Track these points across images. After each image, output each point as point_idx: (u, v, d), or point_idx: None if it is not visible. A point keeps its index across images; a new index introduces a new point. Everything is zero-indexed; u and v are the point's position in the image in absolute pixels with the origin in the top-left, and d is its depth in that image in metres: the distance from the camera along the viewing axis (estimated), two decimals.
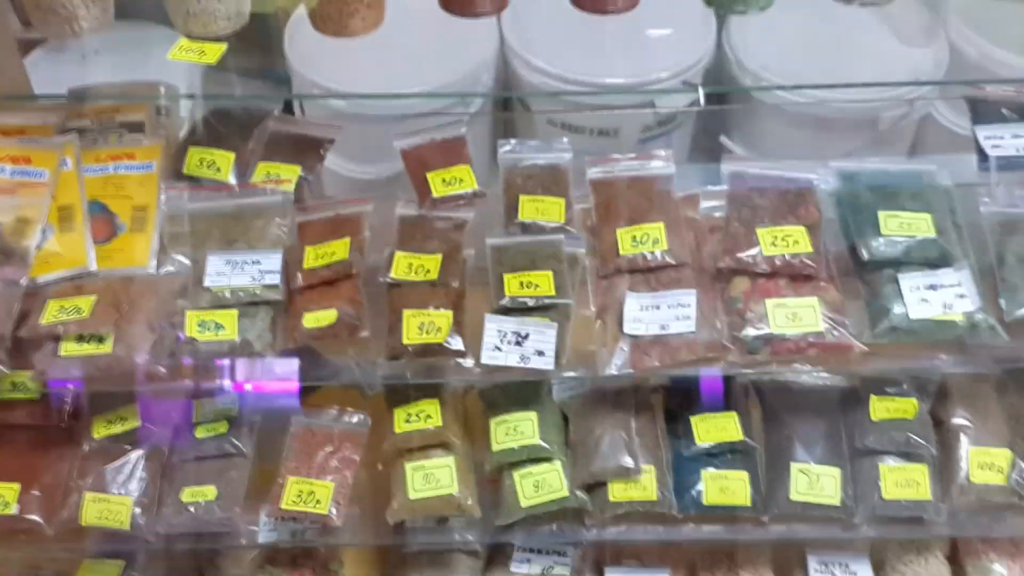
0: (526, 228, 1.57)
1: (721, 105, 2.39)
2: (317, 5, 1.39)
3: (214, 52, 1.39)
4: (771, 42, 2.20)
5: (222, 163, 1.58)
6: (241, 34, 1.46)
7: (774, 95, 2.21)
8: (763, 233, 1.50)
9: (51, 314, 1.41)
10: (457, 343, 1.44)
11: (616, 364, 1.45)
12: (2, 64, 1.70)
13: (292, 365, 1.51)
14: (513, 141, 1.67)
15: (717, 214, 1.59)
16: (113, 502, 1.51)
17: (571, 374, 1.52)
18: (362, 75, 2.07)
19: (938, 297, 1.43)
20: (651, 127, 2.28)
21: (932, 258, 1.47)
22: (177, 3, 1.37)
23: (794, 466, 1.56)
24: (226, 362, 1.49)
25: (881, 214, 1.49)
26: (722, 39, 2.25)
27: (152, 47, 1.90)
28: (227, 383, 1.54)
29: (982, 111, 1.65)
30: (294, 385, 1.54)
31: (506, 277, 1.49)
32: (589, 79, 2.17)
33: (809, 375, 1.63)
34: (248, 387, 1.59)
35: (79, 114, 1.63)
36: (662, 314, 1.47)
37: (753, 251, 1.49)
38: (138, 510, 1.51)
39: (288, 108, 2.27)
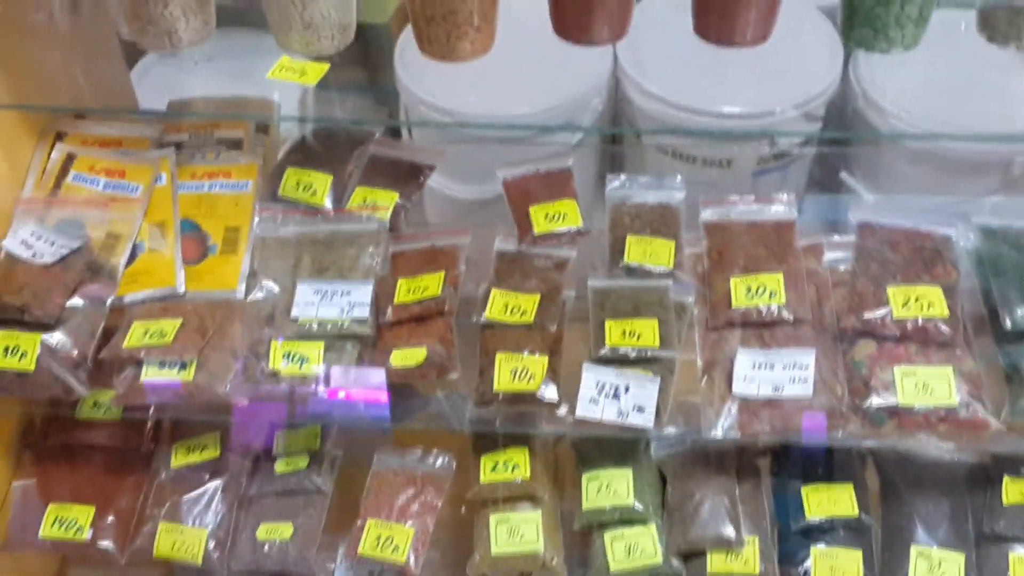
0: (631, 271, 1.46)
1: (843, 140, 2.27)
2: (424, 26, 1.32)
3: (315, 72, 1.33)
4: (901, 76, 2.06)
5: (319, 186, 1.52)
6: (351, 43, 1.40)
7: (902, 132, 2.08)
8: (894, 292, 1.37)
9: (135, 337, 1.36)
10: (551, 393, 1.35)
11: (723, 426, 1.33)
12: (105, 73, 1.67)
13: (380, 399, 1.43)
14: (622, 176, 1.58)
15: (842, 267, 1.46)
16: (187, 534, 1.46)
17: (672, 431, 1.41)
18: (471, 93, 2.00)
19: None
20: (767, 159, 2.16)
21: None
22: (279, 19, 1.31)
23: (914, 548, 1.42)
24: (311, 394, 1.42)
25: None
26: (849, 70, 2.12)
27: (265, 56, 1.87)
28: (311, 416, 1.47)
29: None
30: (381, 420, 1.46)
31: (608, 324, 1.39)
32: (705, 107, 2.07)
33: (935, 447, 1.49)
34: (333, 421, 1.52)
35: (177, 127, 1.59)
36: (776, 375, 1.35)
37: (882, 312, 1.36)
38: (212, 544, 1.46)
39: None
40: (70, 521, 1.47)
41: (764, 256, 1.45)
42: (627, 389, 1.34)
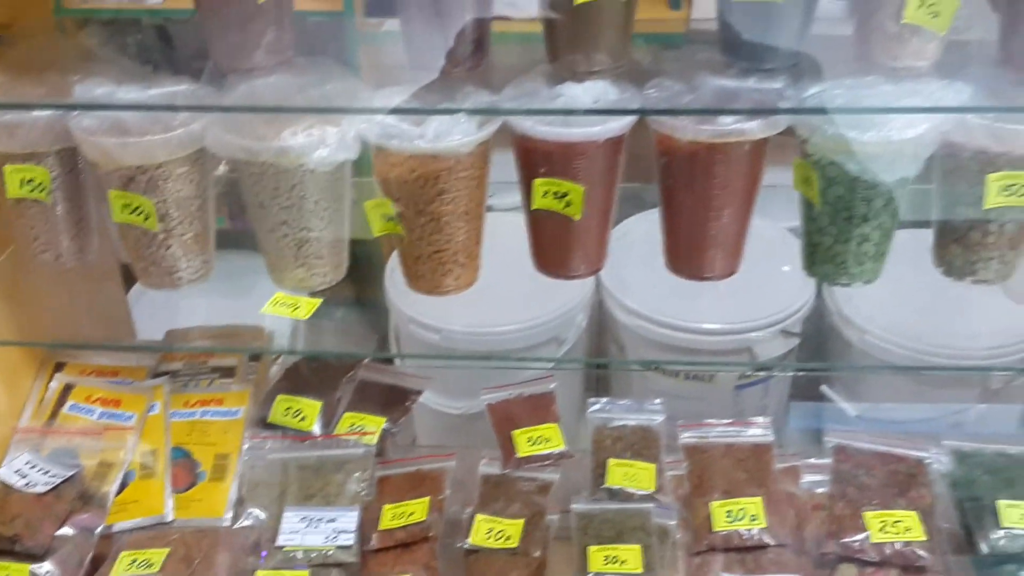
0: (614, 494, 1.49)
1: (819, 357, 2.34)
2: (412, 264, 1.40)
3: (309, 307, 1.40)
4: (875, 292, 2.14)
5: (308, 412, 1.57)
6: None
7: (877, 348, 2.15)
8: (871, 517, 1.39)
9: (122, 567, 1.37)
10: None
11: None
12: (106, 303, 1.75)
13: None
14: (604, 400, 1.63)
15: (819, 489, 1.49)
16: None
17: None
18: (459, 310, 2.07)
19: None
20: (748, 374, 2.22)
21: None
22: (274, 258, 1.39)
23: None
24: None
25: (1000, 503, 1.38)
26: (823, 286, 2.21)
27: (261, 277, 1.95)
28: None
29: None
30: None
31: (590, 550, 1.40)
32: (685, 323, 2.14)
33: None
34: None
35: (172, 356, 1.64)
36: None
37: (860, 536, 1.38)
38: None
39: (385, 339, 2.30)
40: None
41: (744, 479, 1.48)
42: None
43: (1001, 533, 1.35)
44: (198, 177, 1.33)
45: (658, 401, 1.62)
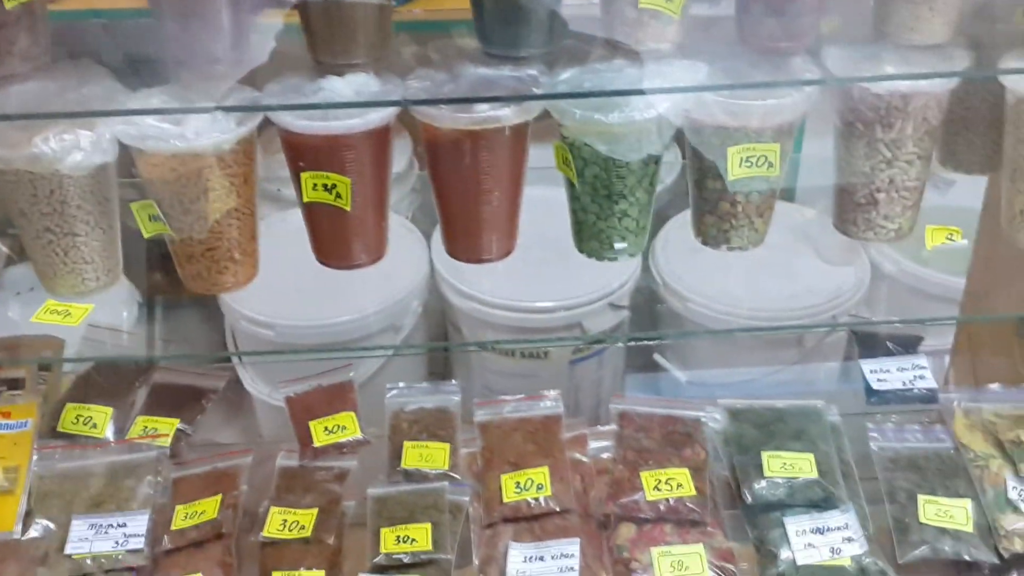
0: (410, 476, 1.53)
1: (652, 334, 2.42)
2: (186, 263, 1.40)
3: (79, 313, 1.38)
4: (695, 262, 2.24)
5: (99, 419, 1.56)
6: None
7: (701, 315, 2.24)
8: (646, 476, 1.47)
9: None
10: None
11: None
12: None
13: None
14: (401, 384, 1.66)
15: (605, 455, 1.56)
16: None
17: None
18: (292, 304, 2.08)
19: (825, 541, 1.39)
20: (581, 348, 2.28)
21: (817, 500, 1.44)
22: (42, 266, 1.37)
23: None
24: None
25: (764, 455, 1.47)
26: (648, 261, 2.29)
27: None
28: None
29: (868, 344, 1.67)
30: None
31: (383, 531, 1.43)
32: (517, 303, 2.19)
33: None
34: None
35: None
36: (546, 566, 1.41)
37: (637, 496, 1.45)
38: None
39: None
40: None
41: (532, 451, 1.54)
42: None
43: (764, 483, 1.44)
44: None
45: (454, 382, 1.67)
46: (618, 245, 1.47)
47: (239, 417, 2.40)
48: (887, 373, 1.60)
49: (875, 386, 1.58)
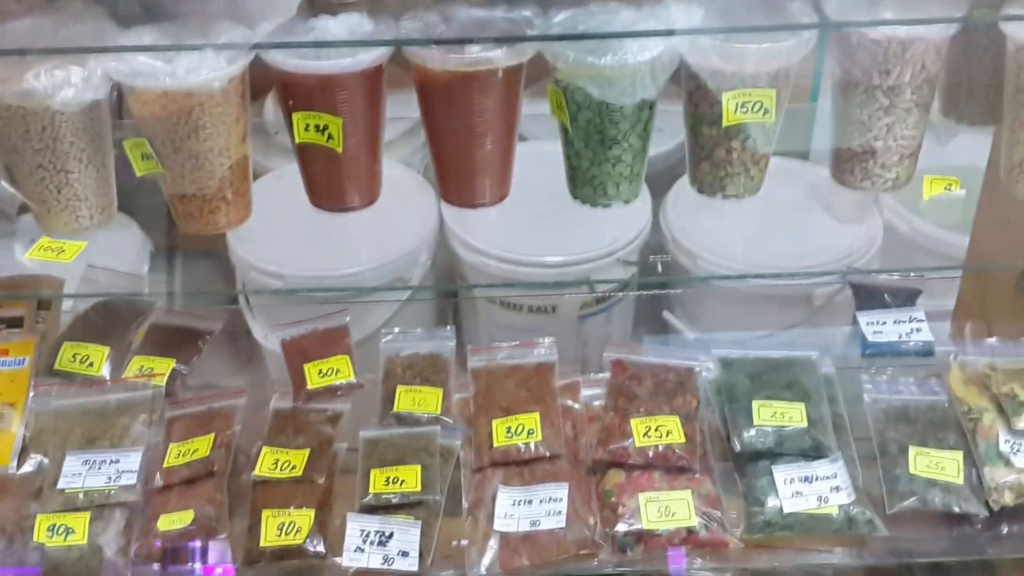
0: (402, 420, 1.54)
1: (661, 282, 2.40)
2: (177, 203, 1.41)
3: (73, 251, 1.39)
4: (706, 220, 2.22)
5: (95, 358, 1.57)
6: None
7: (710, 272, 2.23)
8: (636, 423, 1.47)
9: None
10: (318, 545, 1.38)
11: (484, 564, 1.39)
12: None
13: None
14: (397, 330, 1.67)
15: (596, 403, 1.56)
16: None
17: None
18: (301, 255, 2.08)
19: (812, 490, 1.39)
20: (589, 304, 2.28)
21: (806, 449, 1.43)
22: (36, 203, 1.38)
23: None
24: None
25: (755, 403, 1.46)
26: (658, 217, 2.28)
27: None
28: None
29: (865, 296, 1.66)
30: None
31: (373, 472, 1.44)
32: (525, 257, 2.19)
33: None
34: None
35: None
36: (534, 509, 1.42)
37: (626, 442, 1.46)
38: None
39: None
40: None
41: (524, 397, 1.54)
42: (391, 536, 1.39)
43: (753, 431, 1.44)
44: None
45: (449, 328, 1.67)
46: (611, 191, 1.46)
47: (250, 366, 2.41)
48: (883, 325, 1.59)
49: (871, 338, 1.58)
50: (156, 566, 1.37)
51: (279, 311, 2.23)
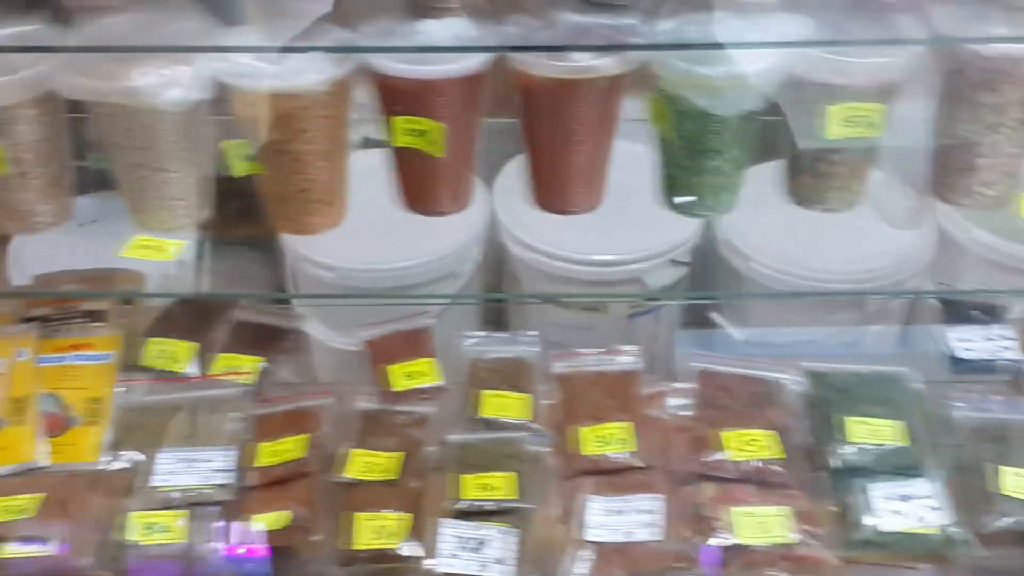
0: (488, 424, 1.53)
1: (711, 283, 2.39)
2: (275, 203, 1.40)
3: (175, 249, 1.39)
4: (759, 222, 2.20)
5: (181, 354, 1.57)
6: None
7: (762, 274, 2.22)
8: (729, 436, 1.46)
9: None
10: (413, 549, 1.38)
11: (577, 574, 1.38)
12: None
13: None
14: (480, 333, 1.66)
15: (683, 413, 1.55)
16: None
17: None
18: (353, 247, 2.07)
19: (911, 509, 1.38)
20: (640, 304, 2.27)
21: (903, 467, 1.42)
22: (135, 200, 1.38)
23: None
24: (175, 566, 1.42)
25: (849, 420, 1.45)
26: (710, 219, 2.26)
27: None
28: None
29: (953, 311, 1.64)
30: None
31: (464, 478, 1.44)
32: (577, 256, 2.18)
33: None
34: None
35: (42, 301, 1.62)
36: (626, 520, 1.41)
37: (720, 455, 1.45)
38: None
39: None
40: None
41: (612, 405, 1.54)
42: (485, 543, 1.39)
43: (849, 448, 1.43)
44: (49, 119, 1.31)
45: (533, 333, 1.66)
46: (710, 201, 1.44)
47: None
48: (973, 343, 1.58)
49: (961, 355, 1.56)
50: (252, 566, 1.38)
51: (328, 305, 2.23)
